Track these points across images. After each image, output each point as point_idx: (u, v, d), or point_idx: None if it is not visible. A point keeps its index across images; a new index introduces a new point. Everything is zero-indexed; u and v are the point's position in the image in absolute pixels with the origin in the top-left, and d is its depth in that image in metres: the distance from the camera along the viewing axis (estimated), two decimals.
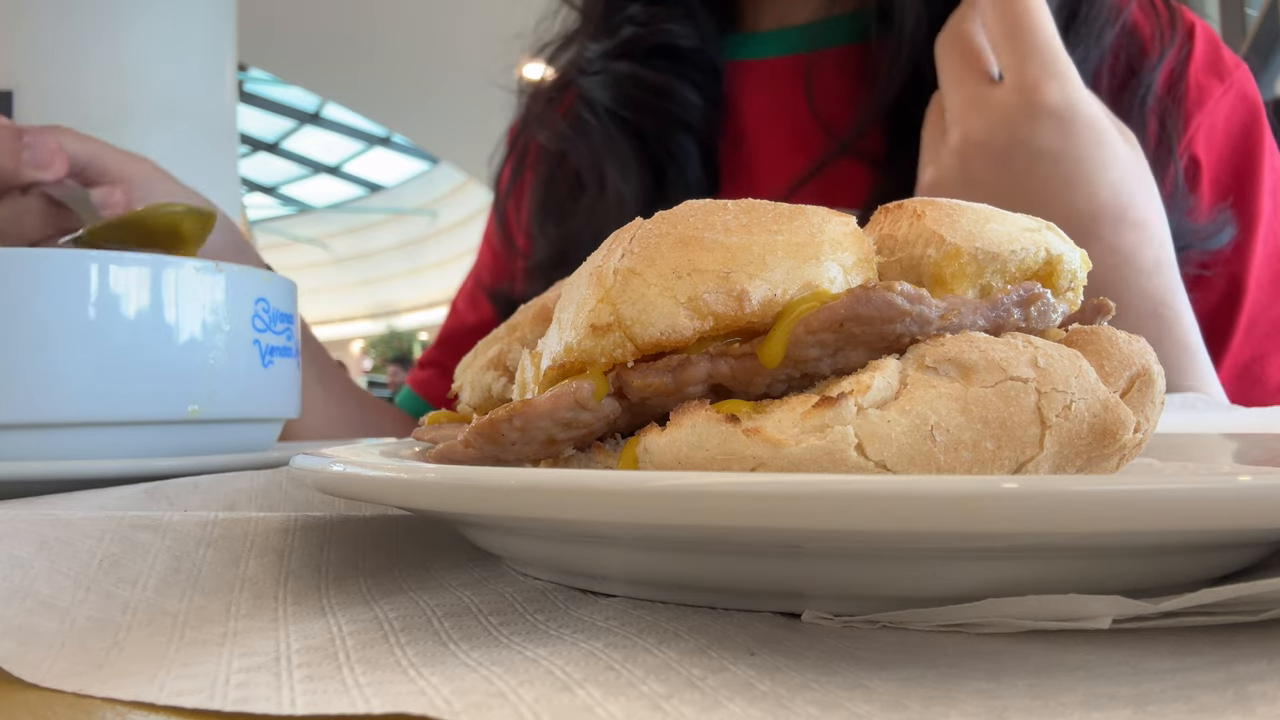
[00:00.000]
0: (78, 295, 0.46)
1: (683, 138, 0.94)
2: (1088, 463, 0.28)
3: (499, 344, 0.45)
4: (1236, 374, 0.84)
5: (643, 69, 0.94)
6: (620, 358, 0.29)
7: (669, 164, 0.94)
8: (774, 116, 0.95)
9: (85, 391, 0.46)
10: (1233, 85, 0.85)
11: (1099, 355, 0.29)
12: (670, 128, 0.94)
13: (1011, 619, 0.24)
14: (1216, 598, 0.23)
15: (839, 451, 0.26)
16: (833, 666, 0.22)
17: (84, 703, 0.23)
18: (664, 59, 0.95)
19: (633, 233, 0.31)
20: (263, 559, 0.33)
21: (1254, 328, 0.85)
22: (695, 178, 0.94)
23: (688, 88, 0.94)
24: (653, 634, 0.24)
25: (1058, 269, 0.32)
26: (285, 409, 0.56)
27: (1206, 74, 0.84)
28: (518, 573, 0.34)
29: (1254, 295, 0.84)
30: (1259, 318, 0.85)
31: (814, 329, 0.27)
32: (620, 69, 0.95)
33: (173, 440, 0.49)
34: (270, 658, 0.24)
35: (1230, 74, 0.85)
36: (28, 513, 0.32)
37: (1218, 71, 0.85)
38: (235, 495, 0.41)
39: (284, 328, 0.56)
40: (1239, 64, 0.86)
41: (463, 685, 0.21)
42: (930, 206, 0.31)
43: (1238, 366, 0.85)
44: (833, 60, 0.90)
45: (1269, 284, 0.85)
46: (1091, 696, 0.20)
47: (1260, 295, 0.85)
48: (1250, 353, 0.85)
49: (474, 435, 0.31)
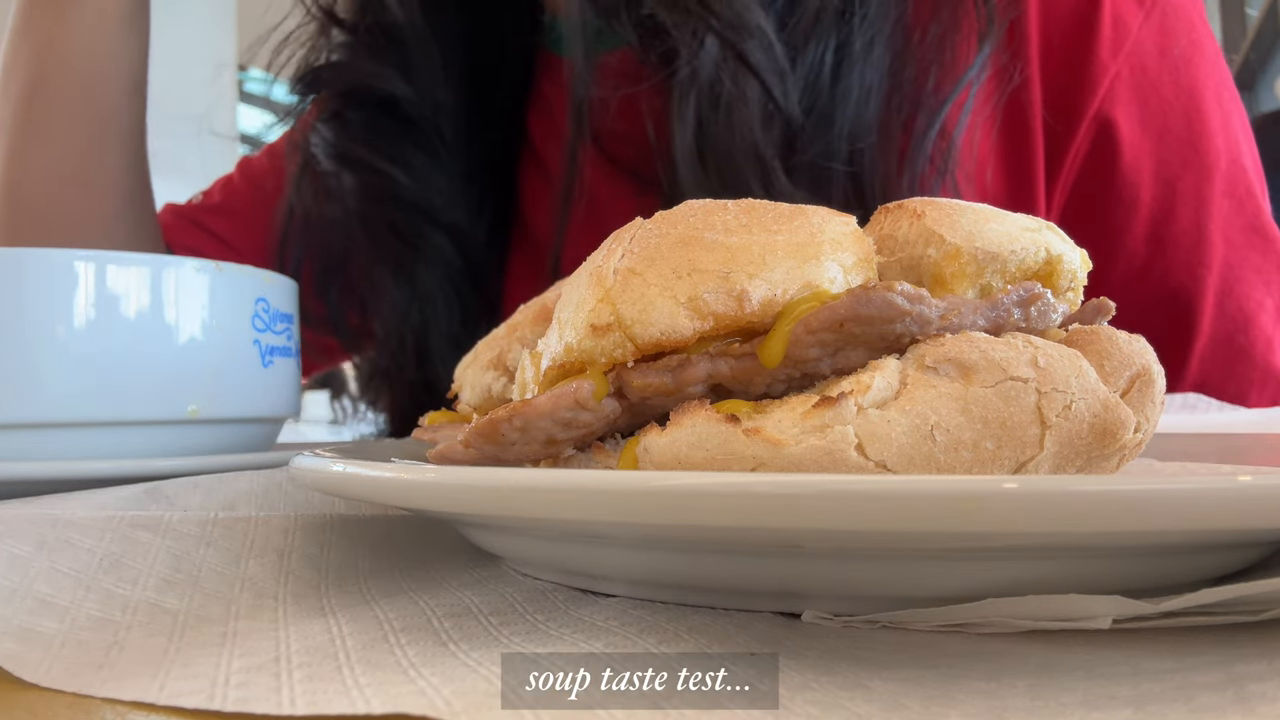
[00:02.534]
0: (77, 295, 0.46)
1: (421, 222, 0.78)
2: (1088, 463, 0.28)
3: (499, 344, 0.45)
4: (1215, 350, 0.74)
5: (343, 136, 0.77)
6: (620, 358, 0.29)
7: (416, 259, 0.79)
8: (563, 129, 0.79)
9: (85, 391, 0.46)
10: (1155, 5, 0.70)
11: (1099, 355, 0.29)
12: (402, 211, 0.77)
13: (1011, 619, 0.24)
14: (1216, 598, 0.23)
15: (839, 451, 0.26)
16: (833, 666, 0.22)
17: (84, 703, 0.23)
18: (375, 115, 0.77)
19: (632, 233, 0.31)
20: (263, 559, 0.33)
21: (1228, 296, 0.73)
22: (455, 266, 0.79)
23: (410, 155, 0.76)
24: (653, 634, 0.24)
25: (1058, 269, 0.32)
26: (285, 409, 0.56)
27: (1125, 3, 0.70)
28: (518, 573, 0.34)
29: (1223, 255, 0.72)
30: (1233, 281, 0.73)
31: (814, 329, 0.27)
32: (323, 134, 0.78)
33: (173, 440, 0.49)
34: (270, 658, 0.24)
35: None
36: (28, 512, 0.32)
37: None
38: (235, 495, 0.41)
39: (284, 328, 0.56)
40: None
41: (463, 685, 0.21)
42: (930, 206, 0.31)
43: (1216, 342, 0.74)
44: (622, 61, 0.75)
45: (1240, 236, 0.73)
46: (1091, 697, 0.20)
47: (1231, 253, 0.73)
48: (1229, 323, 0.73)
49: (474, 435, 0.31)
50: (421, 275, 0.80)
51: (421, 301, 0.81)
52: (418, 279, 0.80)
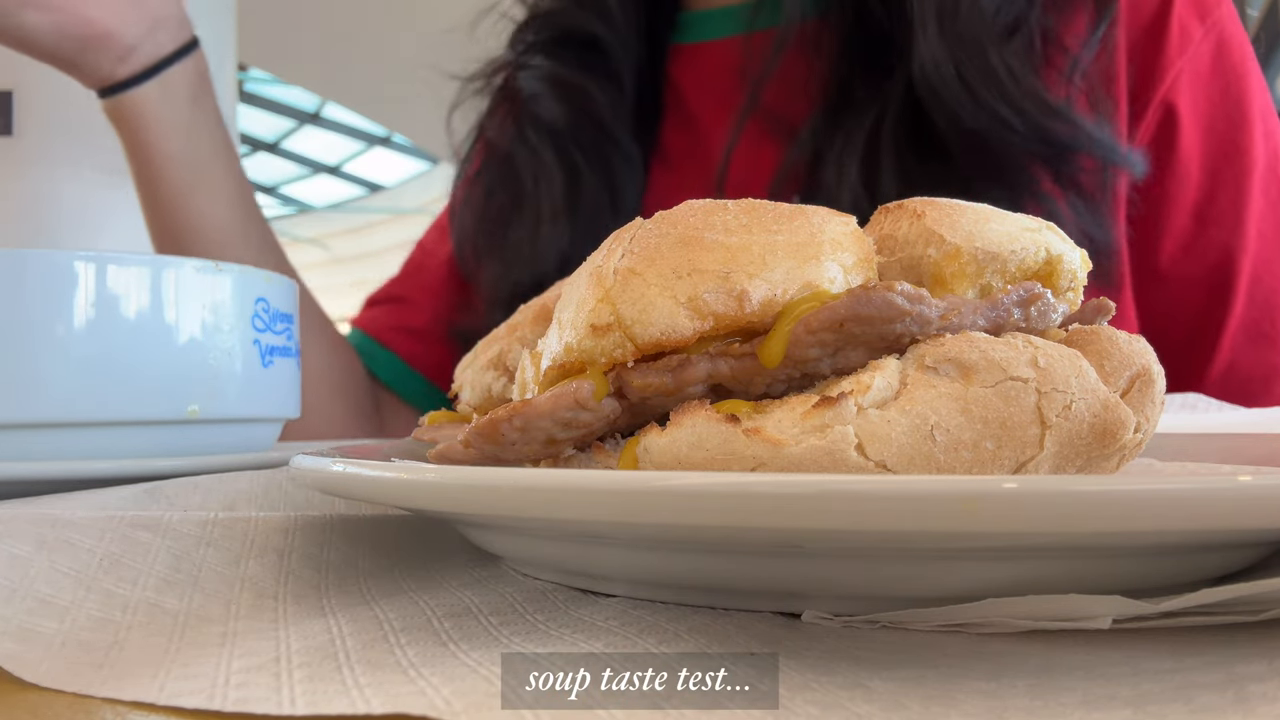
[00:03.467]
0: (77, 295, 0.46)
1: (600, 137, 0.93)
2: (1088, 463, 0.28)
3: (499, 344, 0.45)
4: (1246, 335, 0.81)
5: (556, 63, 0.94)
6: (620, 358, 0.29)
7: (588, 165, 0.92)
8: (720, 99, 0.93)
9: (85, 391, 0.46)
10: (1215, 23, 0.83)
11: (1099, 355, 0.29)
12: (589, 127, 0.93)
13: (1011, 619, 0.24)
14: (1216, 598, 0.23)
15: (839, 451, 0.26)
16: (833, 666, 0.22)
17: (84, 703, 0.23)
18: (575, 49, 0.95)
19: (633, 232, 0.31)
20: (263, 559, 0.33)
21: (1259, 283, 0.82)
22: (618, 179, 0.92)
23: (600, 82, 0.93)
24: (653, 634, 0.24)
25: (1058, 269, 0.32)
26: (285, 409, 0.56)
27: (1189, 15, 0.82)
28: (518, 573, 0.34)
29: (1255, 248, 0.82)
30: (1263, 272, 0.82)
31: (814, 329, 0.27)
32: (539, 64, 0.96)
33: (173, 440, 0.49)
34: (270, 658, 0.24)
35: (1212, 12, 0.83)
36: (28, 512, 0.32)
37: (1199, 12, 0.83)
38: (235, 495, 0.41)
39: (284, 328, 0.56)
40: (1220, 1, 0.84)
41: (463, 685, 0.21)
42: (930, 206, 0.31)
43: (1246, 327, 0.82)
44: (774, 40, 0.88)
45: (1272, 234, 0.83)
46: (1091, 697, 0.20)
47: (1263, 247, 0.82)
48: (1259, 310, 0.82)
49: (474, 435, 0.31)
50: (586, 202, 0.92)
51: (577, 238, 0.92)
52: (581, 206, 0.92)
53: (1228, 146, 0.82)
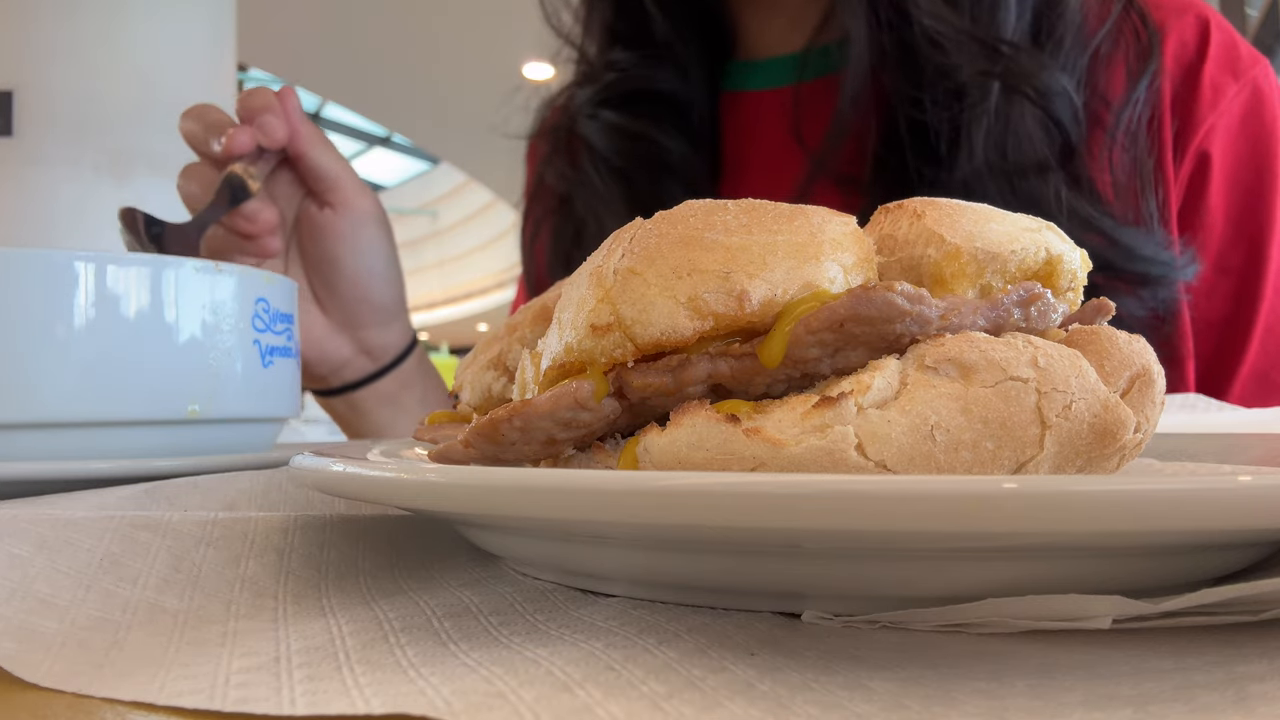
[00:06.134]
0: (77, 295, 0.46)
1: (669, 181, 0.96)
2: (1088, 463, 0.28)
3: (499, 344, 0.45)
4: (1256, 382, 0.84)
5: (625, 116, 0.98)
6: (620, 358, 0.29)
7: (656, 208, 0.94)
8: (769, 147, 0.96)
9: (85, 391, 0.46)
10: (1249, 82, 0.85)
11: (1099, 355, 0.29)
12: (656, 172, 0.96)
13: (1011, 619, 0.24)
14: (1216, 598, 0.23)
15: (839, 451, 0.26)
16: (833, 666, 0.22)
17: (84, 703, 0.23)
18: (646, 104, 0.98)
19: (633, 233, 0.31)
20: (263, 559, 0.33)
21: (1270, 334, 0.84)
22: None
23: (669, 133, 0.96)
24: (653, 634, 0.24)
25: (1058, 269, 0.32)
26: (285, 409, 0.56)
27: (1222, 72, 0.85)
28: (518, 573, 0.34)
29: (1271, 301, 0.84)
30: (1275, 322, 0.84)
31: (814, 329, 0.27)
32: (607, 117, 0.98)
33: (172, 440, 0.49)
34: (270, 658, 0.24)
35: (1246, 71, 0.85)
36: (28, 512, 0.32)
37: (1234, 69, 0.85)
38: (235, 495, 0.41)
39: (284, 328, 0.56)
40: (1257, 59, 0.86)
41: (463, 685, 0.21)
42: (930, 206, 0.31)
43: (1256, 375, 0.84)
44: (822, 89, 0.91)
45: None
46: (1092, 696, 0.20)
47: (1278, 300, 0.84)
48: (1269, 360, 0.84)
49: (474, 435, 0.31)
50: None
51: None
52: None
53: (1251, 200, 0.85)
